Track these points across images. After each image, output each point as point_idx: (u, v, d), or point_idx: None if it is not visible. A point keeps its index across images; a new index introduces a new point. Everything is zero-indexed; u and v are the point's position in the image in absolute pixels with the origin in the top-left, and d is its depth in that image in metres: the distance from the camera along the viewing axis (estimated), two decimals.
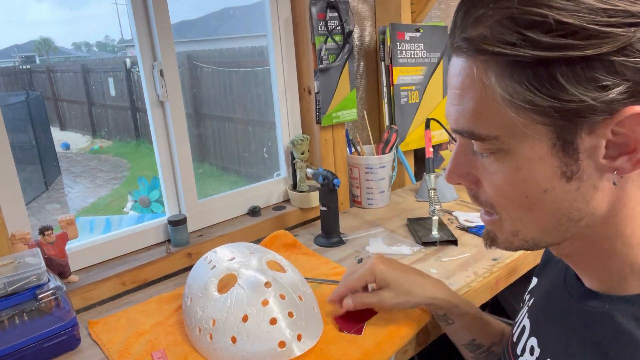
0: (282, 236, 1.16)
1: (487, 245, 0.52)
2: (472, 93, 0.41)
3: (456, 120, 0.44)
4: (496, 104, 0.40)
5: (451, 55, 0.44)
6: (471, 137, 0.43)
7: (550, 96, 0.37)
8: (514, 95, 0.38)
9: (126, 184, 3.93)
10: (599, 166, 0.40)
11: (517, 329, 0.60)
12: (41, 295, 0.76)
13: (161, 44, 1.08)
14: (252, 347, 0.71)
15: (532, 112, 0.39)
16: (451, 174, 0.49)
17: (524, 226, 0.46)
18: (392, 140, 1.38)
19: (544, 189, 0.42)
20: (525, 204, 0.44)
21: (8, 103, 3.58)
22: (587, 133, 0.39)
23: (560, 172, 0.41)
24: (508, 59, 0.38)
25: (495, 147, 0.42)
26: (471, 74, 0.41)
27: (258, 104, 1.86)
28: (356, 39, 1.48)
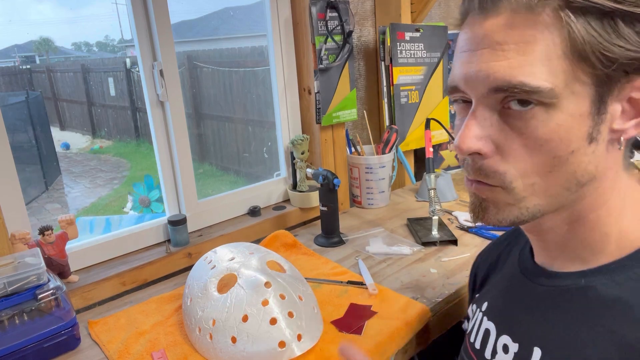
0: (282, 236, 1.16)
1: (478, 217, 0.50)
2: (530, 44, 0.41)
3: (496, 77, 0.42)
4: (557, 54, 0.41)
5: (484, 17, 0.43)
6: (518, 91, 0.42)
7: (620, 45, 0.40)
8: (587, 38, 0.40)
9: (126, 184, 3.93)
10: (611, 130, 0.43)
11: (477, 335, 0.58)
12: (41, 295, 0.76)
13: (161, 44, 1.08)
14: (252, 347, 0.71)
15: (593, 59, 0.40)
16: (466, 140, 0.45)
17: (534, 192, 0.45)
18: (392, 140, 1.38)
19: (572, 150, 0.43)
20: (548, 166, 0.44)
21: (8, 103, 3.58)
22: (616, 95, 0.42)
23: (587, 133, 0.43)
24: (583, 4, 0.40)
25: (546, 99, 0.41)
26: (534, 23, 0.41)
27: (258, 104, 1.86)
28: (356, 39, 1.48)
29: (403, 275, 0.98)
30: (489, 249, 0.72)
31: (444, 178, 1.41)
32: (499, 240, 0.70)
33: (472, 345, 0.59)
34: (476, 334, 0.59)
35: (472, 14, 0.45)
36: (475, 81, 0.44)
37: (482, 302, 0.61)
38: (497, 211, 0.48)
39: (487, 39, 0.43)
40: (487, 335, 0.56)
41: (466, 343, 0.62)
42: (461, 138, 0.45)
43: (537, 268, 0.54)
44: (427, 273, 0.98)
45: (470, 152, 0.46)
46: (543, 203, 0.46)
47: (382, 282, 0.95)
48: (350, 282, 0.95)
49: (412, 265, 1.02)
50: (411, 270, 0.99)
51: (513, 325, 0.53)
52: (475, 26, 0.44)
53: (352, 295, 0.91)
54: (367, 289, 0.92)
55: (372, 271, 1.00)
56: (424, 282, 0.94)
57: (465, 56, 0.46)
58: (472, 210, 0.50)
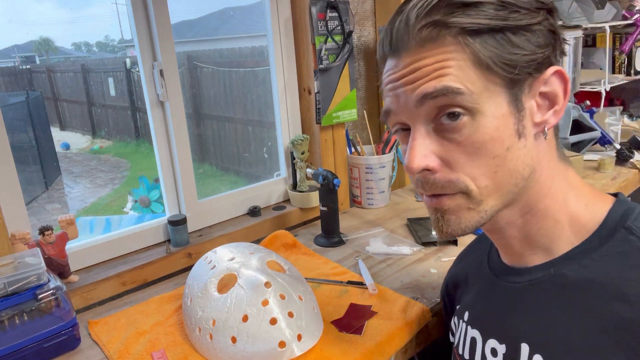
0: (282, 236, 1.16)
1: (440, 232, 0.53)
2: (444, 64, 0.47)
3: (426, 87, 0.47)
4: (469, 66, 0.47)
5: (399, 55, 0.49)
6: (444, 94, 0.47)
7: (512, 52, 0.46)
8: (486, 54, 0.46)
9: (126, 184, 3.93)
10: (534, 124, 0.49)
11: (465, 346, 0.60)
12: (41, 295, 0.76)
13: (161, 44, 1.08)
14: (252, 347, 0.71)
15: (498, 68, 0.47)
16: (414, 160, 0.49)
17: (488, 193, 0.49)
18: (392, 140, 1.38)
19: (507, 147, 0.48)
20: (492, 166, 0.48)
21: (8, 103, 3.58)
22: (527, 92, 0.48)
23: (514, 130, 0.48)
24: (476, 27, 0.46)
25: (467, 105, 0.47)
26: (442, 50, 0.47)
27: (258, 104, 1.86)
28: (356, 39, 1.48)
29: (403, 275, 0.98)
30: (455, 267, 0.75)
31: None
32: (462, 256, 0.74)
33: (462, 357, 0.60)
34: (463, 345, 0.60)
35: (389, 56, 0.52)
36: (405, 99, 0.49)
37: (463, 313, 0.63)
38: (459, 220, 0.51)
39: (406, 69, 0.49)
40: (473, 344, 0.58)
41: (455, 356, 0.63)
42: (409, 159, 0.50)
43: (507, 268, 0.57)
44: (427, 273, 0.98)
45: (420, 170, 0.50)
46: (498, 202, 0.50)
47: (382, 282, 0.95)
48: (350, 282, 0.95)
49: (412, 265, 1.02)
50: (411, 270, 0.99)
51: (496, 327, 0.55)
52: (393, 66, 0.51)
53: (352, 295, 0.91)
54: (367, 289, 0.92)
55: (372, 271, 1.00)
56: (424, 282, 0.94)
57: (391, 86, 0.51)
58: (435, 226, 0.54)
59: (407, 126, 0.52)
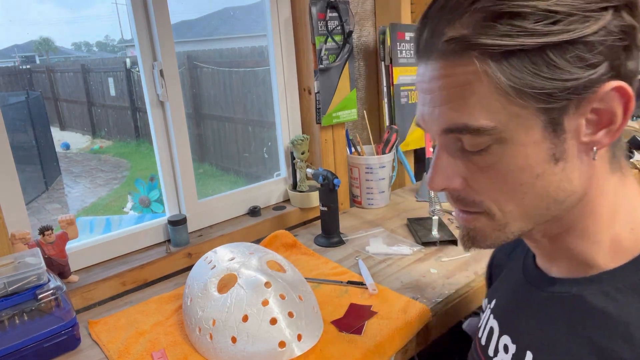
0: (282, 236, 1.16)
1: (467, 247, 0.51)
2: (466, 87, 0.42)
3: (447, 119, 0.44)
4: (492, 94, 0.41)
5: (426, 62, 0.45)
6: (467, 132, 0.43)
7: (552, 78, 0.40)
8: (517, 82, 0.40)
9: (126, 184, 3.93)
10: (580, 144, 0.43)
11: (484, 332, 0.60)
12: (41, 295, 0.76)
13: (161, 44, 1.08)
14: (252, 347, 0.71)
15: (530, 97, 0.41)
16: (436, 179, 0.48)
17: (513, 218, 0.47)
18: (392, 140, 1.38)
19: (537, 174, 0.44)
20: (518, 193, 0.45)
21: (8, 103, 3.57)
22: (573, 113, 0.42)
23: (550, 155, 0.43)
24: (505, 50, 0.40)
25: (491, 138, 0.43)
26: (463, 71, 0.42)
27: (258, 104, 1.86)
28: (356, 39, 1.48)
29: (403, 275, 0.98)
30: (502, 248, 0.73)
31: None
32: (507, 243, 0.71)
33: (480, 340, 0.61)
34: (483, 330, 0.61)
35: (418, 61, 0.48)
36: (430, 123, 0.47)
37: (492, 299, 0.63)
38: (484, 238, 0.50)
39: (430, 84, 0.45)
40: (491, 333, 0.58)
41: (476, 337, 0.63)
42: (430, 179, 0.48)
43: (538, 273, 0.55)
44: (427, 273, 0.98)
45: (439, 190, 0.48)
46: (526, 224, 0.48)
47: (382, 282, 0.95)
48: (350, 282, 0.95)
49: (412, 265, 1.02)
50: (411, 270, 0.99)
51: (513, 326, 0.55)
52: (420, 70, 0.47)
53: (352, 295, 0.91)
54: (367, 289, 0.92)
55: (372, 271, 1.00)
56: (424, 282, 0.94)
57: (420, 96, 0.48)
58: (461, 240, 0.52)
59: None
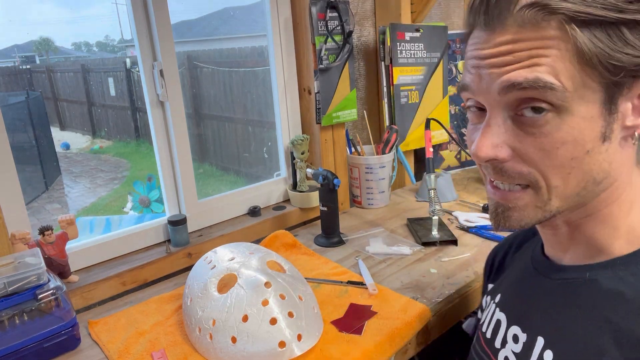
0: (282, 236, 1.16)
1: (500, 224, 0.51)
2: (542, 51, 0.43)
3: (511, 76, 0.43)
4: (566, 60, 0.42)
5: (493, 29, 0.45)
6: (539, 86, 0.43)
7: (628, 53, 0.41)
8: (591, 49, 0.41)
9: (126, 184, 3.93)
10: (624, 127, 0.45)
11: (489, 326, 0.61)
12: (41, 295, 0.76)
13: (161, 44, 1.08)
14: (252, 347, 0.71)
15: (601, 68, 0.42)
16: (483, 147, 0.46)
17: (557, 194, 0.47)
18: (392, 140, 1.38)
19: (587, 150, 0.44)
20: (568, 167, 0.45)
21: (8, 103, 3.57)
22: (626, 94, 0.43)
23: (601, 133, 0.44)
24: (587, 17, 0.41)
25: (557, 103, 0.43)
26: (542, 35, 0.42)
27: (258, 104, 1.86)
28: (356, 39, 1.48)
29: (403, 275, 0.98)
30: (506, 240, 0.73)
31: (444, 178, 1.41)
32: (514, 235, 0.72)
33: (484, 335, 0.61)
34: (488, 324, 0.61)
35: (478, 27, 0.47)
36: (489, 82, 0.45)
37: (496, 294, 0.63)
38: (520, 217, 0.49)
39: (496, 51, 0.45)
40: (498, 326, 0.58)
41: (478, 333, 0.64)
42: (478, 146, 0.47)
43: (547, 262, 0.56)
44: (427, 273, 0.98)
45: (488, 159, 0.47)
46: (563, 204, 0.48)
47: (382, 282, 0.95)
48: (350, 282, 0.95)
49: (412, 265, 1.02)
50: (411, 270, 0.99)
51: (522, 316, 0.55)
52: (482, 39, 0.46)
53: (352, 295, 0.91)
54: (367, 289, 0.92)
55: (372, 271, 1.00)
56: (424, 282, 0.94)
57: (476, 62, 0.47)
58: (494, 218, 0.51)
59: (483, 106, 0.48)
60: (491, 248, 0.76)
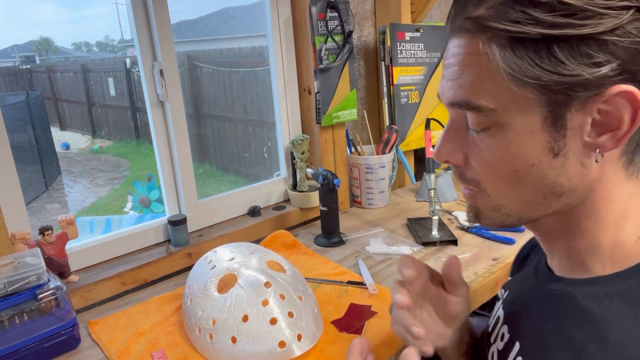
0: (282, 236, 1.16)
1: (471, 219, 0.54)
2: (474, 67, 0.44)
3: (454, 93, 0.46)
4: (497, 78, 0.42)
5: (450, 38, 0.47)
6: (468, 108, 0.45)
7: (550, 70, 0.40)
8: (515, 69, 0.41)
9: (126, 184, 3.93)
10: (583, 143, 0.43)
11: (493, 320, 0.63)
12: (41, 295, 0.76)
13: (161, 44, 1.08)
14: (252, 347, 0.71)
15: (529, 86, 0.41)
16: (440, 150, 0.50)
17: (509, 200, 0.48)
18: (392, 140, 1.38)
19: (532, 164, 0.44)
20: (513, 178, 0.46)
21: (8, 103, 3.58)
22: (577, 110, 0.42)
23: (548, 148, 0.43)
24: (511, 36, 0.40)
25: (490, 120, 0.44)
26: (473, 51, 0.43)
27: (258, 104, 1.86)
28: (356, 39, 1.48)
29: None
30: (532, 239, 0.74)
31: (444, 178, 1.41)
32: None
33: (488, 327, 0.63)
34: (493, 318, 0.63)
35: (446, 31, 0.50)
36: (442, 95, 0.49)
37: (507, 290, 0.64)
38: (485, 216, 0.51)
39: (449, 59, 0.47)
40: (497, 322, 0.60)
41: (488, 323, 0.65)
42: (436, 149, 0.50)
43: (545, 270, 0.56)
44: None
45: (442, 161, 0.50)
46: (523, 210, 0.48)
47: (382, 282, 0.95)
48: (350, 282, 0.95)
49: None
50: None
51: (514, 318, 0.57)
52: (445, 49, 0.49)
53: (352, 295, 0.91)
54: (367, 289, 0.92)
55: (372, 271, 1.00)
56: None
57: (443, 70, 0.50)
58: (467, 214, 0.55)
59: None
60: (491, 248, 0.77)
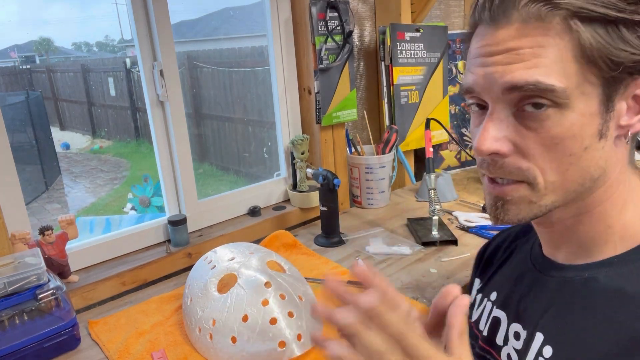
0: (282, 236, 1.16)
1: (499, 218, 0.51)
2: (544, 48, 0.44)
3: (516, 76, 0.45)
4: (568, 57, 0.44)
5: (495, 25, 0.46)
6: (536, 89, 0.44)
7: (621, 49, 0.43)
8: (593, 44, 0.43)
9: (126, 184, 3.93)
10: (619, 126, 0.47)
11: (487, 324, 0.61)
12: (41, 295, 0.76)
13: (161, 44, 1.08)
14: (252, 347, 0.71)
15: (596, 66, 0.44)
16: (486, 141, 0.47)
17: (554, 189, 0.48)
18: (392, 140, 1.38)
19: (585, 146, 0.46)
20: (565, 163, 0.46)
21: (8, 103, 3.58)
22: (622, 93, 0.45)
23: (598, 130, 0.46)
24: (588, 14, 0.43)
25: (555, 101, 0.44)
26: (544, 32, 0.44)
27: (258, 104, 1.86)
28: (356, 39, 1.48)
29: (403, 275, 0.98)
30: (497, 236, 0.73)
31: (444, 178, 1.41)
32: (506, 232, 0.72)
33: (481, 333, 0.61)
34: (485, 322, 0.61)
35: (483, 24, 0.48)
36: (492, 81, 0.46)
37: (491, 292, 0.63)
38: (517, 211, 0.50)
39: (501, 46, 0.46)
40: (496, 324, 0.59)
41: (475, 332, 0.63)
42: (480, 140, 0.47)
43: (546, 261, 0.56)
44: (427, 273, 0.98)
45: (490, 153, 0.48)
46: (559, 199, 0.49)
47: None
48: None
49: (412, 265, 1.02)
50: (411, 270, 0.99)
51: (523, 314, 0.56)
52: (487, 35, 0.47)
53: None
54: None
55: None
56: (424, 282, 0.94)
57: (480, 61, 0.48)
58: (492, 213, 0.52)
59: (485, 104, 0.49)
60: None
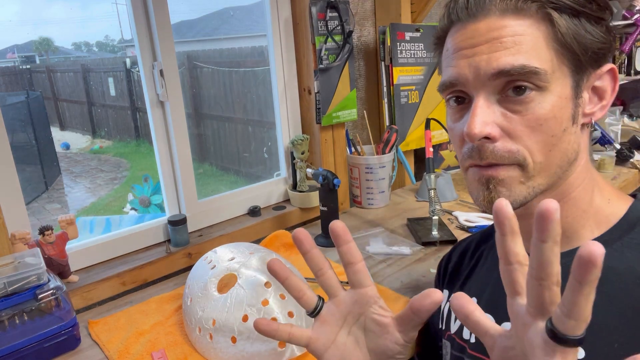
0: (282, 236, 1.16)
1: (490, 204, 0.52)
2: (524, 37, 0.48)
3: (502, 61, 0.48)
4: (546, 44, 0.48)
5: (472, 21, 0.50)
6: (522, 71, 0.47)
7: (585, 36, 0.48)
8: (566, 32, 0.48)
9: (126, 184, 3.93)
10: (584, 113, 0.52)
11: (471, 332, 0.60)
12: (41, 295, 0.76)
13: (161, 44, 1.08)
14: (252, 347, 0.71)
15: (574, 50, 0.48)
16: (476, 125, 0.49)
17: (540, 170, 0.50)
18: (392, 140, 1.38)
19: (564, 128, 0.50)
20: (549, 143, 0.49)
21: (8, 103, 3.58)
22: (586, 81, 0.50)
23: (571, 114, 0.50)
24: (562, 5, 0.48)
25: (538, 84, 0.48)
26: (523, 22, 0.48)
27: (258, 104, 1.86)
28: (356, 39, 1.48)
29: (403, 275, 0.98)
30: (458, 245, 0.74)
31: (444, 178, 1.41)
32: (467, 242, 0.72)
33: (468, 342, 0.60)
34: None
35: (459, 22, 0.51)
36: (477, 70, 0.49)
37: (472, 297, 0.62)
38: (509, 193, 0.51)
39: (483, 37, 0.49)
40: None
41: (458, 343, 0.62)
42: (471, 125, 0.49)
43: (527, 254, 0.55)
44: (427, 273, 0.98)
45: (481, 137, 0.50)
46: (544, 182, 0.51)
47: (382, 282, 0.95)
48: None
49: (412, 265, 1.02)
50: (411, 270, 0.99)
51: None
52: (468, 30, 0.51)
53: None
54: None
55: (372, 271, 1.00)
56: (424, 282, 0.94)
57: (462, 53, 0.51)
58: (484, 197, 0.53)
59: (464, 97, 0.52)
60: None
